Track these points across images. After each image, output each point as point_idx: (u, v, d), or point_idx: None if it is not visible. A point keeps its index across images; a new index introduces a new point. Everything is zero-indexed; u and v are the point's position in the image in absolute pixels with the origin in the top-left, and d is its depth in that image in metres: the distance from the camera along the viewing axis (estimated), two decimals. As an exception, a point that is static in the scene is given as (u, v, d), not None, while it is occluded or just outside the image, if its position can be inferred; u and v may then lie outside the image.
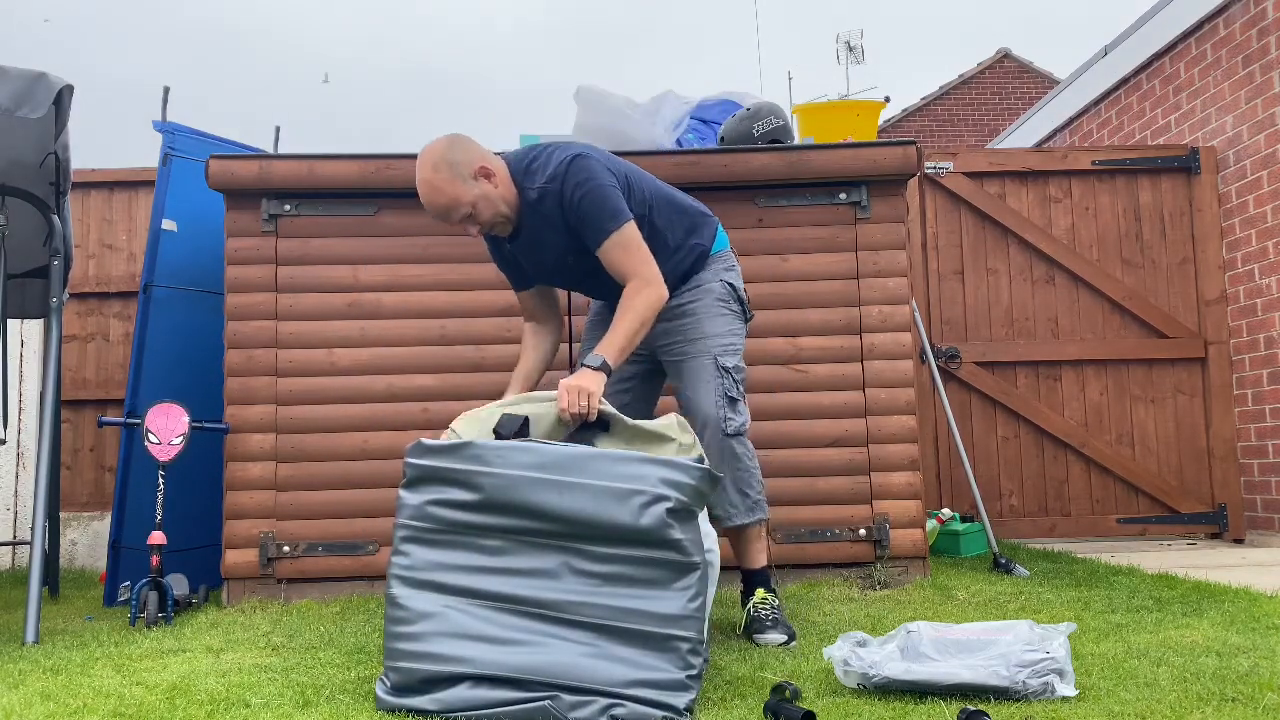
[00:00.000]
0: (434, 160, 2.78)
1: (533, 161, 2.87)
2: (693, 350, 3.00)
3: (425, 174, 2.78)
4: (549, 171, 2.82)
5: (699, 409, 2.95)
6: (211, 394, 3.87)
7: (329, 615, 3.41)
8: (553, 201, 2.83)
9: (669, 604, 2.19)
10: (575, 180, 2.80)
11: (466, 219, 2.83)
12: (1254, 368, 5.33)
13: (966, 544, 4.72)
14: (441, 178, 2.77)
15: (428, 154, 2.80)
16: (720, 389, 2.95)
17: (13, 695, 2.36)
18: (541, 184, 2.83)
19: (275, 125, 5.08)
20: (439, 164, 2.77)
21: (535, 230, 2.90)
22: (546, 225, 2.88)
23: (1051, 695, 2.16)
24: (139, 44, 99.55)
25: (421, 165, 2.80)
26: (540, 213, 2.86)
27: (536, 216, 2.87)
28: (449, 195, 2.78)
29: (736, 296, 3.10)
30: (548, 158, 2.86)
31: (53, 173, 3.81)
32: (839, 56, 15.13)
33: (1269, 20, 5.19)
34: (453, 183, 2.77)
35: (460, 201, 2.79)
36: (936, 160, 5.53)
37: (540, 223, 2.88)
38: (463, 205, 2.79)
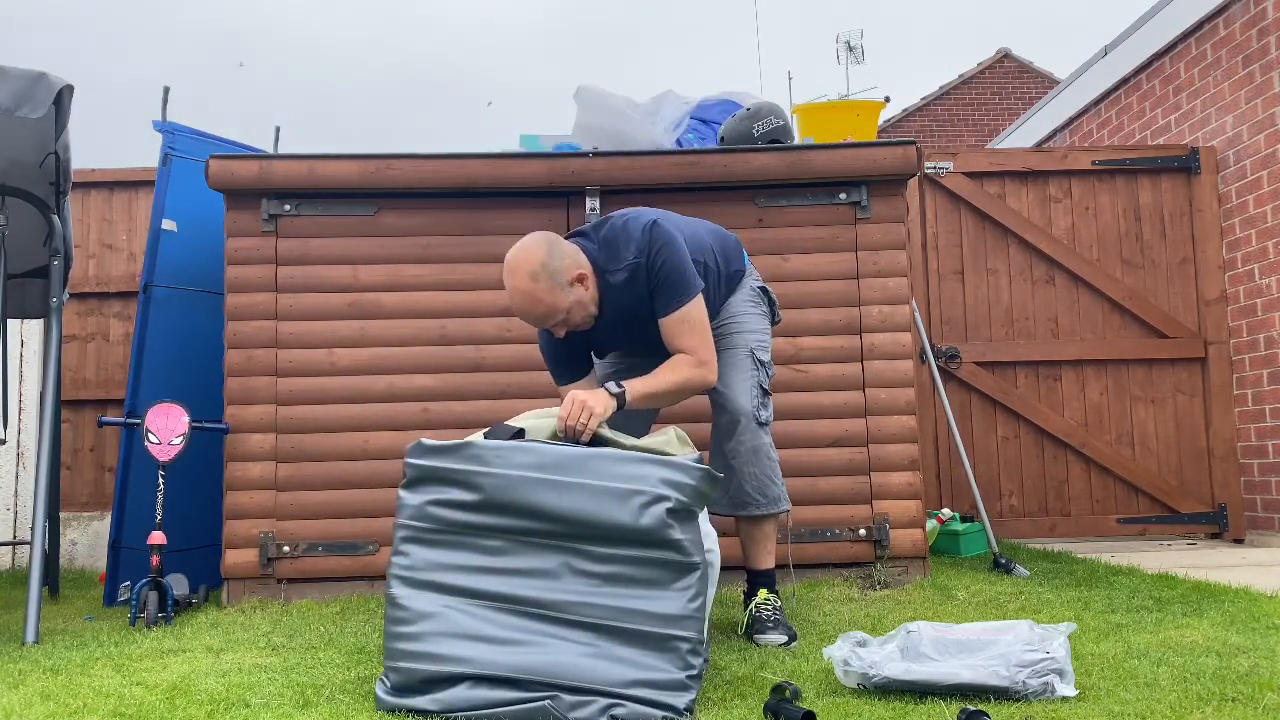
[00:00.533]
0: (532, 269, 2.69)
1: (612, 242, 2.84)
2: (728, 343, 3.06)
3: (523, 283, 2.70)
4: (633, 246, 2.82)
5: (735, 398, 2.99)
6: (211, 394, 3.87)
7: (329, 615, 3.41)
8: (640, 275, 2.83)
9: (669, 604, 2.19)
10: (656, 247, 2.81)
11: (559, 325, 2.80)
12: (1254, 368, 5.33)
13: (966, 544, 4.72)
14: (541, 288, 2.70)
15: (525, 260, 2.70)
16: (755, 380, 3.03)
17: (13, 695, 2.36)
18: (629, 261, 2.82)
19: (275, 125, 5.09)
20: (538, 273, 2.69)
21: (619, 307, 2.87)
22: (631, 297, 2.86)
23: (1051, 695, 2.16)
24: (139, 44, 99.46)
25: (516, 271, 2.71)
26: (625, 289, 2.85)
27: (621, 294, 2.85)
28: (547, 305, 2.73)
29: (768, 299, 3.22)
30: (626, 232, 2.84)
31: (53, 173, 3.81)
32: (839, 56, 15.14)
33: (1269, 20, 5.19)
34: (552, 292, 2.72)
35: (558, 310, 2.75)
36: (936, 160, 5.53)
37: (625, 297, 2.86)
38: (560, 313, 2.76)
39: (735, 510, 3.03)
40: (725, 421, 3.00)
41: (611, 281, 2.84)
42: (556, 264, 2.72)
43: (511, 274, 2.72)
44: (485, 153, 3.85)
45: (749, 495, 3.01)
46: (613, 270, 2.83)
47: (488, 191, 3.87)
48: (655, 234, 2.82)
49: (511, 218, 3.89)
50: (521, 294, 2.71)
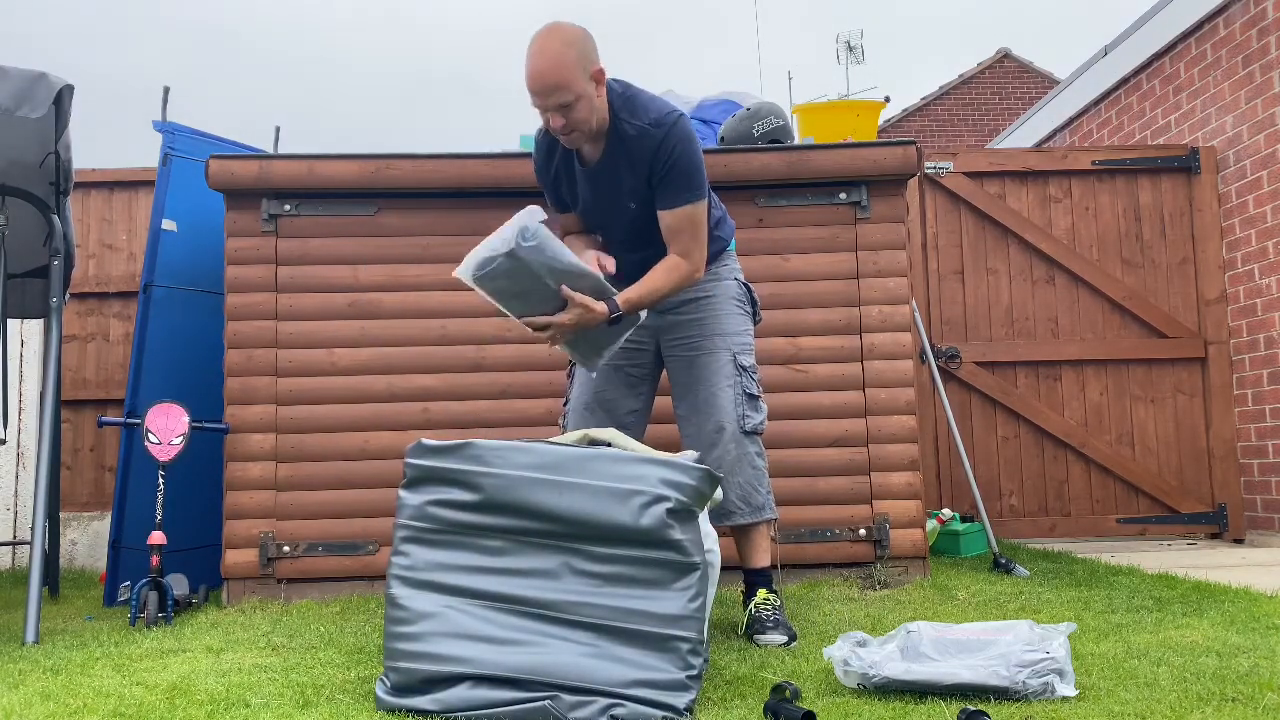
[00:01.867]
0: (566, 37, 2.68)
1: (632, 99, 2.82)
2: (709, 346, 3.02)
3: (553, 44, 2.66)
4: (652, 116, 2.79)
5: (717, 405, 2.96)
6: (211, 394, 3.87)
7: (329, 615, 3.41)
8: (648, 145, 2.78)
9: (669, 604, 2.19)
10: (679, 136, 2.78)
11: (562, 109, 2.70)
12: (1254, 368, 5.33)
13: (966, 544, 4.72)
14: (570, 57, 2.66)
15: (560, 31, 2.69)
16: (739, 386, 2.99)
17: (13, 695, 2.36)
18: (644, 124, 2.78)
19: (275, 125, 5.09)
20: (571, 42, 2.67)
21: (613, 164, 2.84)
22: (627, 164, 2.83)
23: (1051, 695, 2.16)
24: (140, 43, 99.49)
25: (548, 35, 2.68)
26: (628, 150, 2.81)
27: (621, 152, 2.81)
28: (564, 76, 2.66)
29: (750, 298, 3.16)
30: (649, 101, 2.83)
31: (53, 173, 3.81)
32: (839, 56, 15.14)
33: (1269, 20, 5.19)
34: (573, 67, 2.66)
35: (570, 87, 2.67)
36: (936, 160, 5.53)
37: (622, 159, 2.82)
38: (570, 91, 2.67)
39: (719, 520, 2.95)
40: (708, 430, 2.96)
41: (621, 131, 2.79)
42: (588, 48, 2.70)
43: (545, 35, 2.67)
44: (485, 153, 3.85)
45: (733, 504, 2.97)
46: (626, 119, 2.78)
47: (488, 191, 3.87)
48: (681, 123, 2.80)
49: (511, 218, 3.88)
50: (549, 56, 2.65)
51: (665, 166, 2.79)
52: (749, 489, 2.99)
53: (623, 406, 3.09)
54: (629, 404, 3.11)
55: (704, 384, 2.99)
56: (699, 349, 3.02)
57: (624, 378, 3.11)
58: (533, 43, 2.71)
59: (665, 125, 2.78)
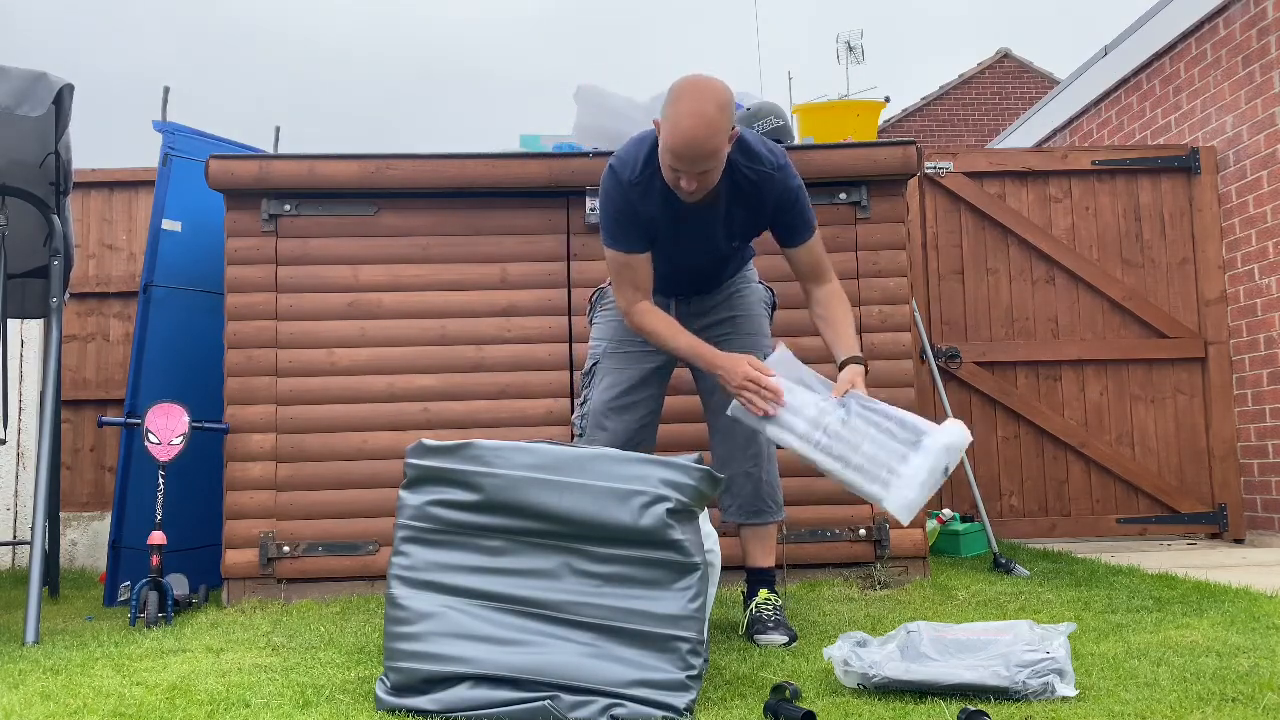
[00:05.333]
0: (722, 101, 2.55)
1: (747, 143, 2.76)
2: (745, 343, 3.06)
3: (709, 109, 2.52)
4: (773, 159, 2.77)
5: None
6: (211, 394, 3.87)
7: (329, 615, 3.41)
8: (769, 188, 2.76)
9: (669, 604, 2.19)
10: (794, 175, 2.81)
11: (702, 174, 2.61)
12: (1254, 368, 5.33)
13: (966, 544, 4.72)
14: (723, 123, 2.54)
15: (715, 93, 2.54)
16: None
17: (13, 695, 2.36)
18: (764, 169, 2.75)
19: (275, 125, 5.09)
20: (724, 106, 2.54)
21: (723, 203, 2.79)
22: (740, 203, 2.80)
23: (1051, 695, 2.16)
24: (140, 42, 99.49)
25: (703, 97, 2.53)
26: (742, 191, 2.77)
27: (734, 193, 2.78)
28: (717, 143, 2.56)
29: (772, 302, 3.27)
30: (761, 144, 2.80)
31: (53, 172, 3.81)
32: (839, 56, 15.09)
33: (1269, 20, 5.19)
34: (723, 134, 2.56)
35: (718, 155, 2.59)
36: (936, 160, 5.53)
37: (734, 199, 2.79)
38: (717, 159, 2.59)
39: (750, 518, 3.03)
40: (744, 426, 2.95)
41: (737, 177, 2.74)
42: (732, 111, 2.59)
43: (698, 96, 2.52)
44: (485, 153, 3.86)
45: (764, 502, 3.03)
46: (746, 165, 2.74)
47: (487, 191, 3.87)
48: (789, 162, 2.81)
49: (511, 218, 3.89)
50: (708, 123, 2.51)
51: (789, 205, 2.81)
52: (777, 486, 3.07)
53: (644, 407, 3.09)
54: (651, 404, 3.12)
55: None
56: (736, 347, 3.05)
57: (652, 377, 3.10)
58: (683, 98, 2.55)
59: (783, 167, 2.79)
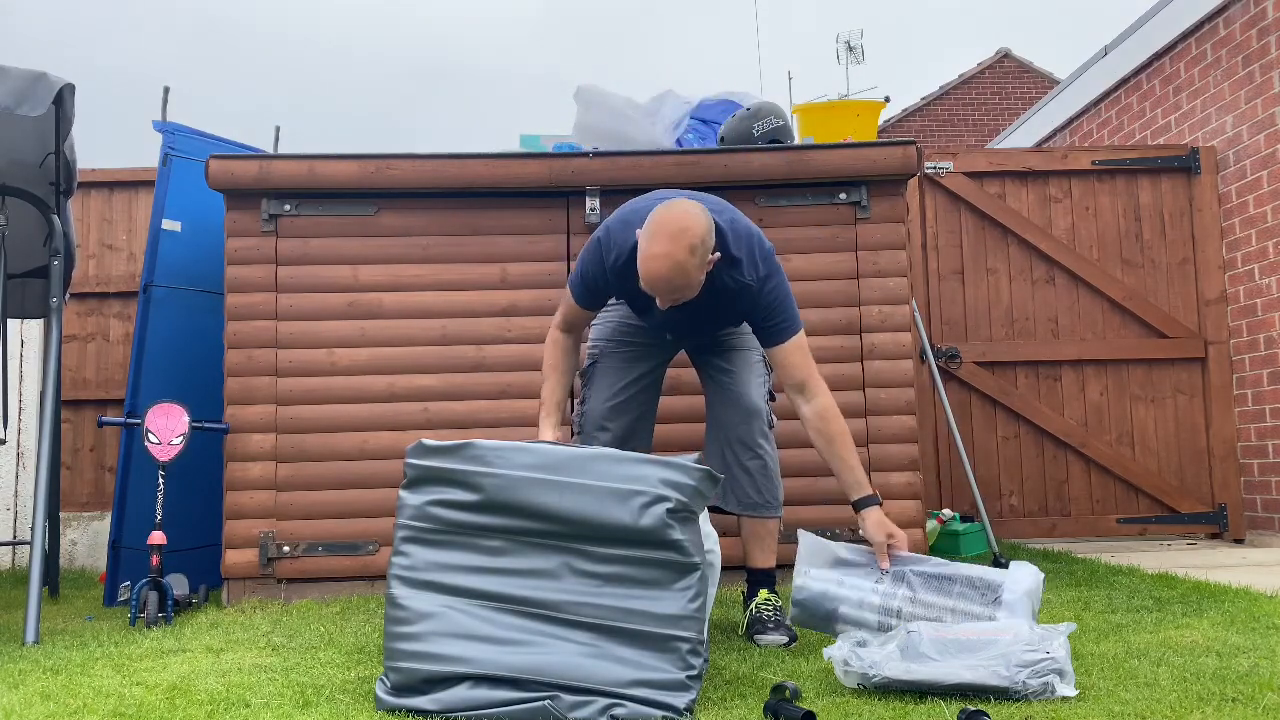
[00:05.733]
0: (693, 243, 2.57)
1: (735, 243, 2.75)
2: (743, 343, 3.08)
3: (682, 254, 2.56)
4: (755, 268, 2.76)
5: (748, 398, 3.01)
6: (211, 394, 3.87)
7: (329, 615, 3.41)
8: (746, 298, 2.78)
9: (669, 604, 2.19)
10: (774, 281, 2.79)
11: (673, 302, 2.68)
12: (1254, 368, 5.33)
13: (966, 544, 4.72)
14: (694, 263, 2.59)
15: (690, 230, 2.57)
16: (765, 384, 3.08)
17: (13, 695, 2.36)
18: (745, 280, 2.76)
19: (275, 125, 5.09)
20: (697, 248, 2.57)
21: (707, 307, 2.81)
22: (722, 307, 2.83)
23: (1051, 695, 2.16)
24: (140, 41, 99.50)
25: (678, 239, 2.56)
26: (725, 298, 2.80)
27: (717, 298, 2.79)
28: (687, 283, 2.62)
29: None
30: (749, 248, 2.76)
31: (53, 172, 3.81)
32: (839, 56, 15.10)
33: (1269, 20, 5.19)
34: (698, 270, 2.61)
35: (691, 289, 2.64)
36: (936, 160, 5.53)
37: (717, 303, 2.81)
38: (688, 292, 2.65)
39: (744, 510, 3.04)
40: (740, 422, 3.00)
41: (718, 282, 2.75)
42: (709, 242, 2.62)
43: (673, 240, 2.55)
44: (485, 153, 3.85)
45: (762, 497, 3.04)
46: (727, 272, 2.75)
47: (488, 191, 3.87)
48: (774, 265, 2.80)
49: (511, 218, 3.89)
50: (674, 264, 2.56)
51: (768, 311, 2.80)
52: (777, 482, 3.07)
53: (640, 406, 3.11)
54: (646, 402, 3.14)
55: (739, 379, 3.04)
56: (734, 346, 3.08)
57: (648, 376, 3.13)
58: (657, 238, 2.57)
59: (766, 278, 2.77)
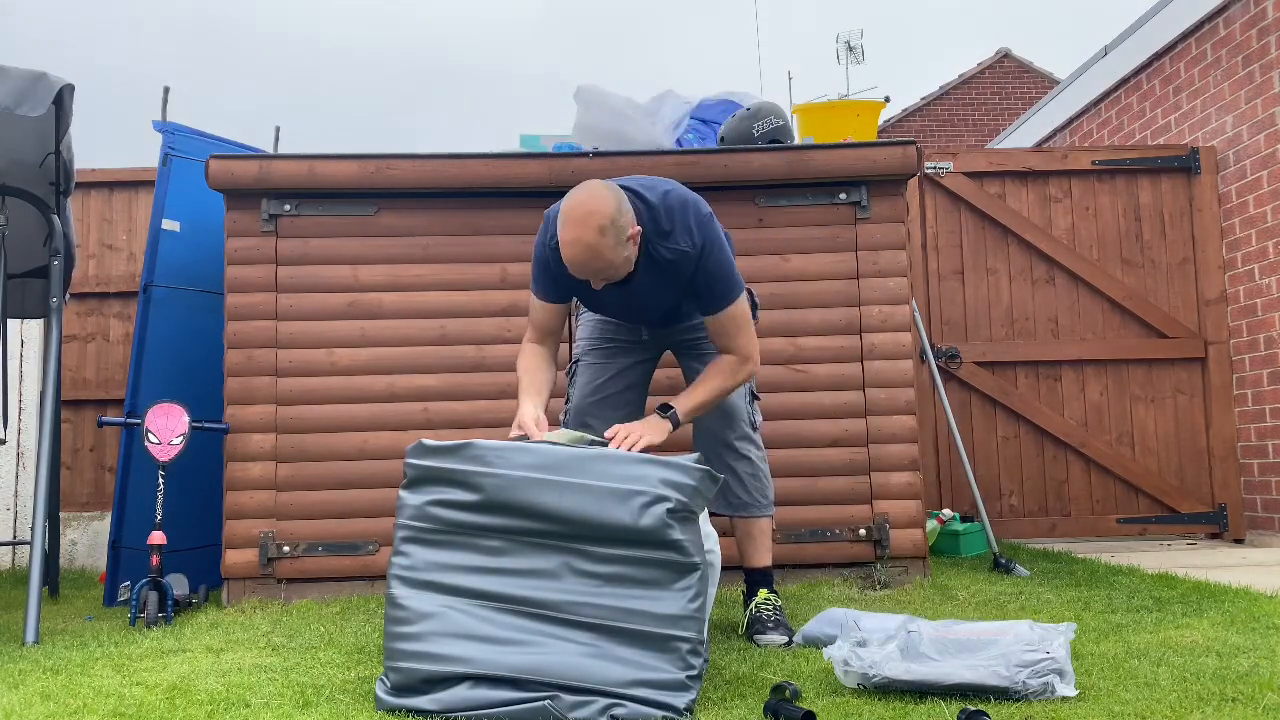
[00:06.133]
0: (602, 223, 2.56)
1: (666, 213, 2.73)
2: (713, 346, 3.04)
3: (591, 235, 2.56)
4: (689, 235, 2.72)
5: (730, 403, 3.00)
6: (211, 394, 3.87)
7: (329, 615, 3.41)
8: (685, 265, 2.75)
9: (669, 604, 2.19)
10: (710, 246, 2.75)
11: (605, 279, 2.68)
12: (1254, 368, 5.33)
13: (966, 544, 4.72)
14: (607, 243, 2.57)
15: (597, 211, 2.56)
16: (748, 385, 3.05)
17: (13, 695, 2.36)
18: (680, 248, 2.73)
19: (275, 125, 5.09)
20: (607, 228, 2.56)
21: (649, 282, 2.80)
22: (665, 280, 2.79)
23: (1051, 695, 2.16)
24: (139, 41, 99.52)
25: (585, 222, 2.56)
26: (662, 268, 2.77)
27: (657, 271, 2.77)
28: (606, 260, 2.60)
29: (750, 299, 3.18)
30: (683, 215, 2.74)
31: (53, 172, 3.81)
32: (839, 56, 15.08)
33: (1269, 20, 5.19)
34: (614, 248, 2.59)
35: (613, 266, 2.63)
36: (936, 160, 5.53)
37: (658, 277, 2.78)
38: (612, 269, 2.64)
39: (733, 511, 3.05)
40: (721, 425, 3.01)
41: (653, 253, 2.74)
42: (623, 220, 2.60)
43: (580, 224, 2.56)
44: (485, 153, 3.86)
45: (751, 497, 3.04)
46: (661, 244, 2.73)
47: (488, 191, 3.87)
48: (711, 232, 2.76)
49: (511, 218, 3.89)
50: (586, 247, 2.56)
51: (705, 279, 2.77)
52: (764, 482, 3.07)
53: (624, 402, 3.11)
54: (631, 400, 3.13)
55: None
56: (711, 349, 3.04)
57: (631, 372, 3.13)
58: (565, 224, 2.60)
59: (699, 246, 2.73)
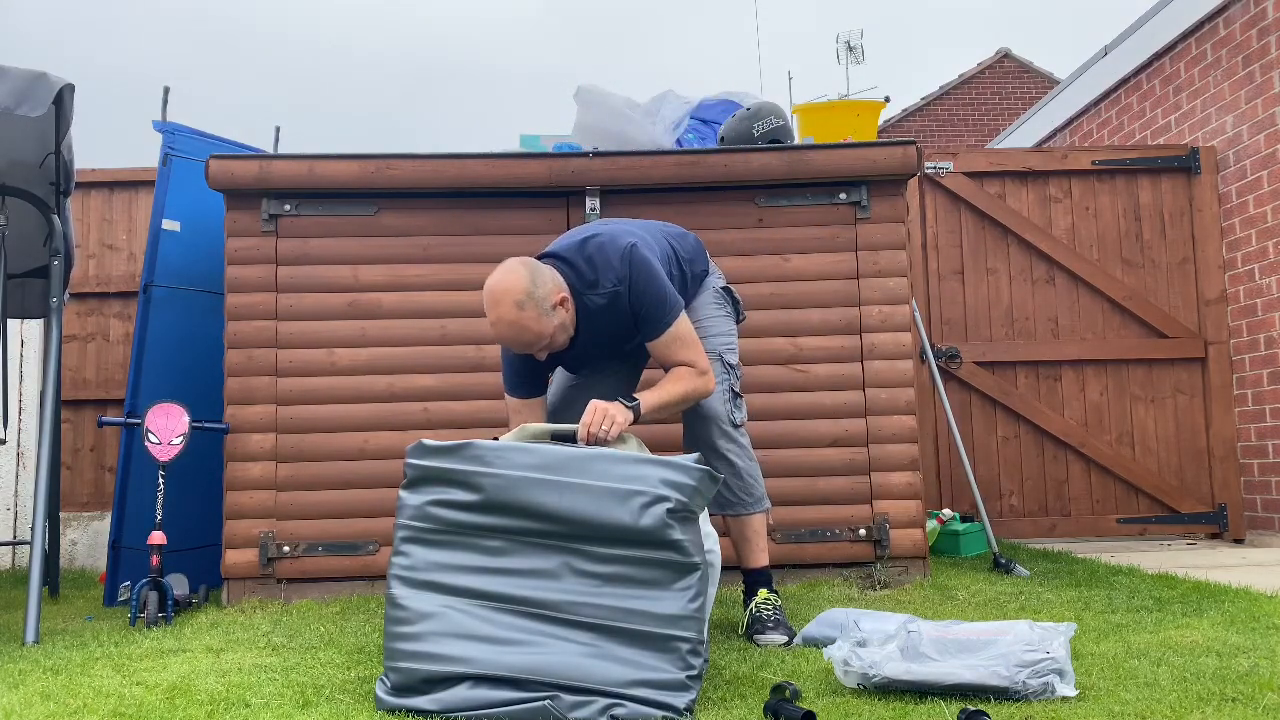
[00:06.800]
0: (517, 298, 2.66)
1: (587, 264, 2.81)
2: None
3: (509, 312, 2.67)
4: (613, 274, 2.80)
5: (709, 403, 2.99)
6: (211, 394, 3.87)
7: (329, 615, 3.41)
8: (621, 302, 2.82)
9: (669, 604, 2.19)
10: (636, 275, 2.79)
11: (543, 349, 2.77)
12: (1254, 368, 5.33)
13: (966, 544, 4.72)
14: (528, 316, 2.67)
15: (509, 288, 2.67)
16: (726, 384, 3.05)
17: (13, 695, 2.36)
18: (610, 289, 2.80)
19: (275, 125, 5.09)
20: (524, 301, 2.66)
21: (594, 330, 2.86)
22: (608, 321, 2.85)
23: (1051, 695, 2.16)
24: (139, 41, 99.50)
25: (501, 301, 2.67)
26: (603, 313, 2.84)
27: (598, 317, 2.84)
28: (534, 332, 2.69)
29: (731, 299, 3.21)
30: (604, 257, 2.81)
31: (53, 172, 3.81)
32: (839, 56, 15.10)
33: (1269, 20, 5.19)
34: (539, 319, 2.68)
35: (544, 335, 2.72)
36: (936, 160, 5.53)
37: (601, 322, 2.85)
38: (545, 339, 2.72)
39: (719, 508, 3.04)
40: (700, 426, 3.01)
41: (589, 305, 2.83)
42: (540, 290, 2.69)
43: (496, 304, 2.68)
44: (485, 153, 3.86)
45: (734, 495, 3.03)
46: (591, 294, 2.82)
47: (488, 191, 3.87)
48: (635, 261, 2.80)
49: (511, 218, 3.89)
50: (508, 324, 2.68)
51: (637, 308, 2.82)
52: (749, 479, 3.05)
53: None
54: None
55: None
56: None
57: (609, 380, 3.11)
58: (487, 309, 2.70)
59: (624, 278, 2.79)
